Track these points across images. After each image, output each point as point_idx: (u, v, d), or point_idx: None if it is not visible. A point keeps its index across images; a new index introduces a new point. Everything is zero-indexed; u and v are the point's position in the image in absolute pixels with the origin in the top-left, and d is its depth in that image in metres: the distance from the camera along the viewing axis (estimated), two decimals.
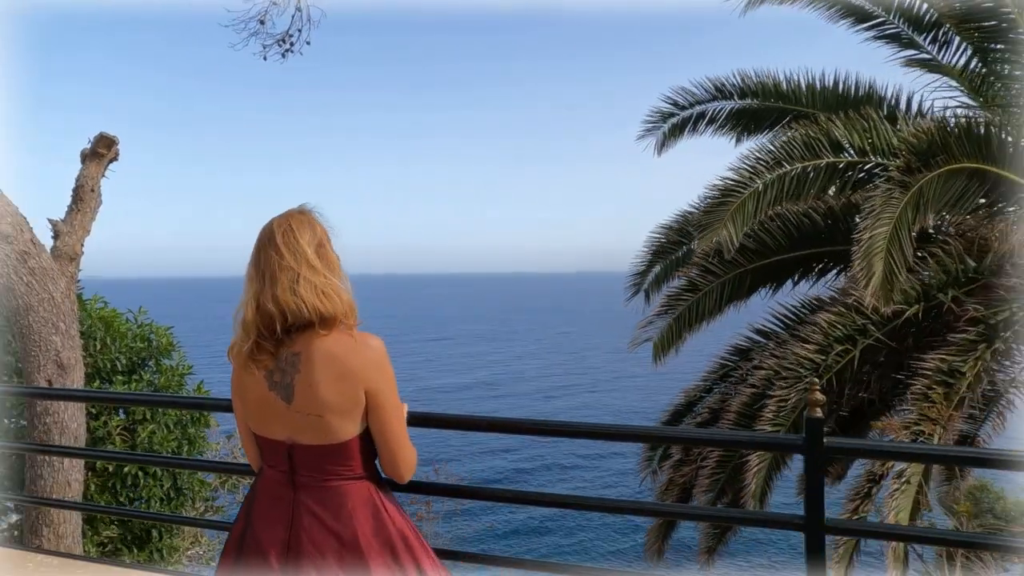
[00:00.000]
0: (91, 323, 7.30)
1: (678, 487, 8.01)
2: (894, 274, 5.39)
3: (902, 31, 7.30)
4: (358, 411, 2.14)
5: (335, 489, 2.18)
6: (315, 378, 2.09)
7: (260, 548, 2.20)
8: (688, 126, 8.64)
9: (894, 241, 5.40)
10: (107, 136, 6.73)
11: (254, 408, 2.21)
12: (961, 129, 5.79)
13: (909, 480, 5.16)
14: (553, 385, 49.08)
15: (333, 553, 2.14)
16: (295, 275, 2.11)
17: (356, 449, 2.19)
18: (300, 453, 2.17)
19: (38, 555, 4.11)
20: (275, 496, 2.23)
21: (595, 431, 3.31)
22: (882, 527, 3.10)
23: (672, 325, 8.12)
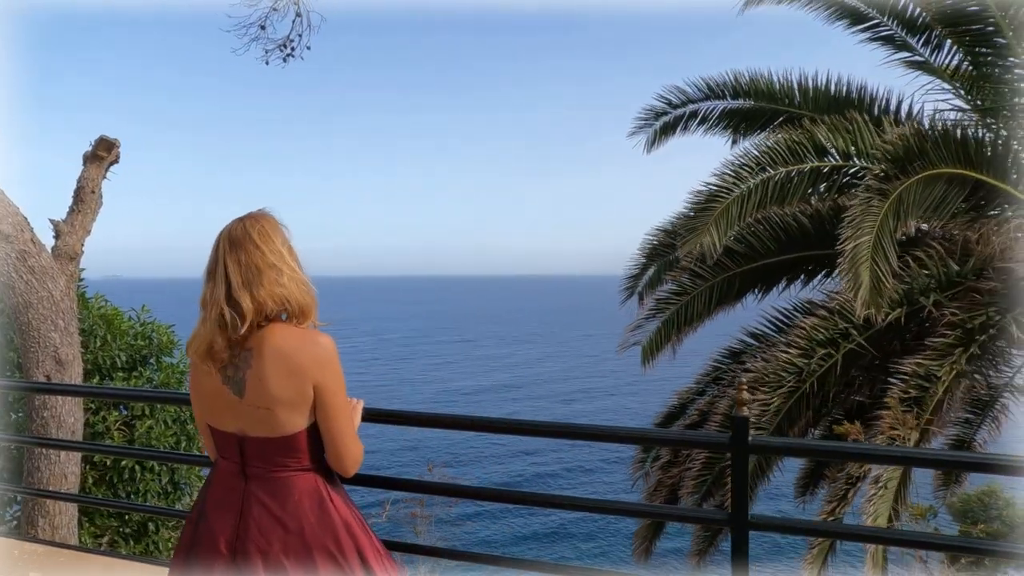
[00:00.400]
0: (92, 321, 7.52)
1: (666, 488, 8.06)
2: (882, 281, 5.40)
3: (896, 33, 7.28)
4: (305, 405, 2.24)
5: (283, 480, 2.30)
6: (265, 373, 2.20)
7: (212, 535, 2.31)
8: (680, 125, 8.68)
9: (878, 249, 5.41)
10: (107, 139, 6.94)
11: (208, 401, 2.33)
12: (938, 134, 5.79)
13: (886, 485, 5.18)
14: (573, 388, 49.04)
15: (279, 541, 2.25)
16: (279, 271, 2.25)
17: (304, 442, 2.29)
18: (250, 445, 2.28)
19: (28, 544, 4.23)
20: (227, 486, 2.35)
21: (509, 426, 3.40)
22: (807, 524, 3.15)
23: (661, 329, 8.17)
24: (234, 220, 2.36)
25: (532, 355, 67.41)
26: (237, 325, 2.18)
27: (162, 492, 7.30)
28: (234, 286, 2.20)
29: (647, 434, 3.25)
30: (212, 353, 2.23)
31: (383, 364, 61.96)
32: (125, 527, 7.09)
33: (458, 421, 3.45)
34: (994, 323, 5.47)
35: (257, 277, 2.22)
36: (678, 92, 8.56)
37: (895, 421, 5.19)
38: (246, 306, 2.19)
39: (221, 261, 2.25)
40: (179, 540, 2.49)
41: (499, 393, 47.71)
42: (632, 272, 9.60)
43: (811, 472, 8.56)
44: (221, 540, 2.29)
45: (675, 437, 3.25)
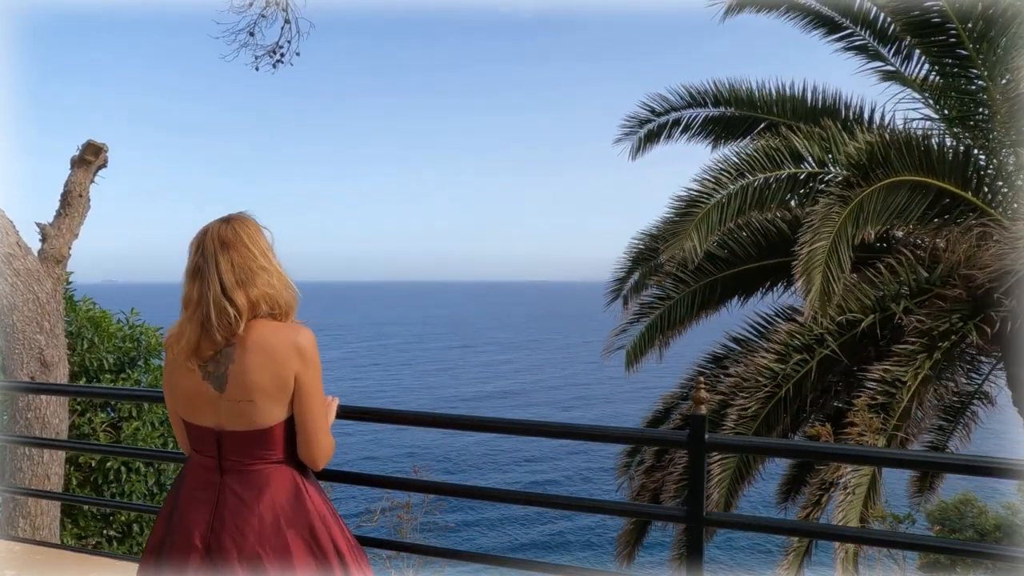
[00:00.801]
0: (80, 323, 7.59)
1: (649, 492, 8.13)
2: (832, 286, 5.49)
3: (868, 43, 7.41)
4: (285, 396, 2.31)
5: (258, 472, 2.35)
6: (248, 365, 2.26)
7: (186, 529, 2.35)
8: (664, 132, 8.79)
9: (832, 255, 5.51)
10: (95, 143, 7.01)
11: (185, 397, 2.38)
12: (901, 142, 5.88)
13: (854, 491, 5.25)
14: (571, 396, 48.97)
15: (254, 533, 2.30)
16: (269, 272, 2.34)
17: (280, 435, 2.35)
18: (228, 439, 2.34)
19: (4, 543, 4.27)
20: (202, 480, 2.39)
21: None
22: (761, 520, 3.21)
23: (645, 333, 8.24)
24: (217, 221, 2.42)
25: (531, 361, 67.35)
26: (231, 323, 2.25)
27: (148, 494, 7.35)
28: (227, 285, 2.26)
29: (608, 432, 3.30)
30: (198, 350, 2.29)
31: (382, 370, 62.03)
32: (109, 528, 7.13)
33: (423, 418, 3.51)
34: (957, 330, 5.55)
35: (251, 277, 2.30)
36: (661, 100, 8.67)
37: (863, 427, 5.26)
38: (241, 304, 2.26)
39: (211, 261, 2.30)
40: (151, 535, 2.52)
41: (498, 400, 47.68)
42: (618, 275, 9.68)
43: (792, 479, 8.63)
44: (196, 534, 2.33)
45: (635, 435, 3.32)
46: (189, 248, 2.41)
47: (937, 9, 6.30)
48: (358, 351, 74.39)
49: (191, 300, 2.31)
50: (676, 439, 3.42)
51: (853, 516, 5.50)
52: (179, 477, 2.53)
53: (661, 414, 9.18)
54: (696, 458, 3.03)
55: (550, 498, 3.43)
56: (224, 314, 2.24)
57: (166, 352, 2.43)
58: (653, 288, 8.27)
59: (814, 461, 5.49)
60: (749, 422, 6.65)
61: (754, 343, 7.93)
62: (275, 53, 8.94)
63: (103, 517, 7.15)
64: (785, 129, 7.00)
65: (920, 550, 2.41)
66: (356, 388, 47.33)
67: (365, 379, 55.27)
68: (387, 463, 28.78)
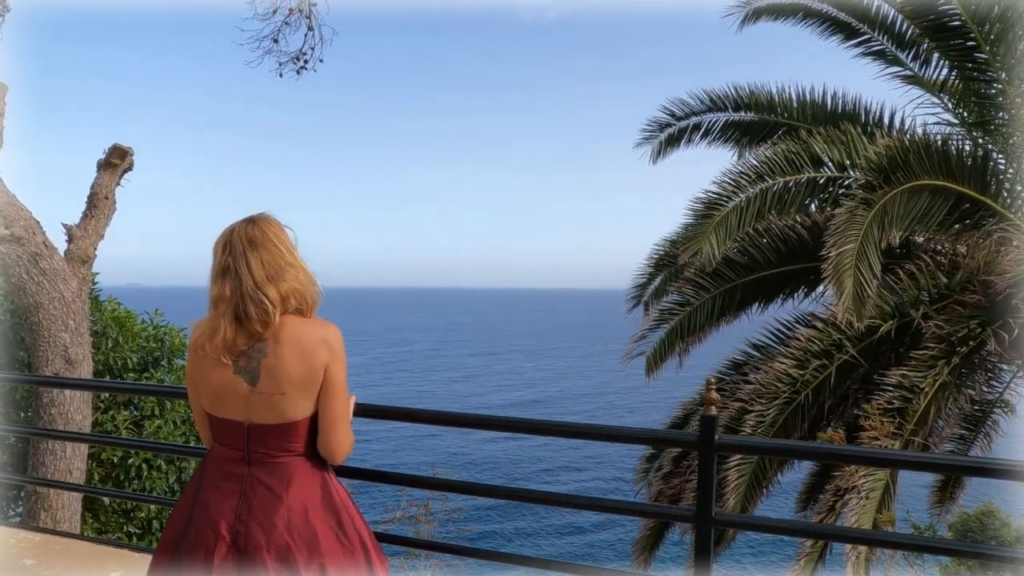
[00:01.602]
0: (105, 323, 7.71)
1: (667, 498, 8.09)
2: (864, 289, 5.44)
3: (887, 48, 7.36)
4: (315, 388, 2.36)
5: (285, 464, 2.40)
6: (282, 356, 2.32)
7: (211, 519, 2.37)
8: (684, 137, 8.78)
9: (862, 257, 5.46)
10: (121, 147, 7.15)
11: (214, 392, 2.41)
12: (920, 146, 5.82)
13: (868, 496, 5.20)
14: (595, 405, 48.73)
15: (282, 521, 2.34)
16: (296, 269, 2.41)
17: (305, 429, 2.41)
18: (255, 432, 2.38)
19: (24, 532, 4.35)
20: (226, 471, 2.43)
21: None
22: (769, 521, 3.19)
23: (665, 339, 8.21)
24: (242, 222, 2.48)
25: (555, 369, 67.10)
26: (264, 316, 2.31)
27: (168, 490, 7.44)
28: (259, 281, 2.32)
29: (619, 432, 3.30)
30: (233, 345, 2.33)
31: (406, 375, 62.14)
32: (130, 524, 7.23)
33: (439, 417, 3.54)
34: (975, 336, 5.47)
35: (280, 273, 2.36)
36: (681, 104, 8.66)
37: (877, 431, 5.21)
38: (273, 298, 2.32)
39: (241, 259, 2.36)
40: (167, 527, 2.53)
41: (523, 409, 47.50)
42: (639, 281, 9.66)
43: (811, 487, 8.55)
44: (222, 524, 2.36)
45: (646, 435, 3.32)
46: (215, 249, 2.45)
47: (954, 12, 6.24)
48: (381, 357, 74.68)
49: (222, 297, 2.35)
50: (686, 439, 3.42)
51: (866, 520, 5.45)
52: (199, 470, 2.55)
53: (680, 420, 9.14)
54: (706, 459, 3.03)
55: (560, 497, 3.44)
56: (260, 306, 2.30)
57: (192, 349, 2.46)
58: (673, 294, 8.24)
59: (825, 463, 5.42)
60: (767, 428, 6.60)
61: (774, 349, 7.88)
62: (299, 59, 9.07)
63: (123, 512, 7.25)
64: (805, 133, 6.95)
65: (936, 553, 2.39)
66: (379, 394, 47.52)
67: (387, 385, 55.43)
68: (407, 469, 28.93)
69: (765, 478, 6.91)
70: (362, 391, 3.02)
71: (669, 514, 3.79)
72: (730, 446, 3.06)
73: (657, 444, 5.48)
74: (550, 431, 3.37)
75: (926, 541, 2.59)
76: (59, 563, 3.86)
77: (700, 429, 3.01)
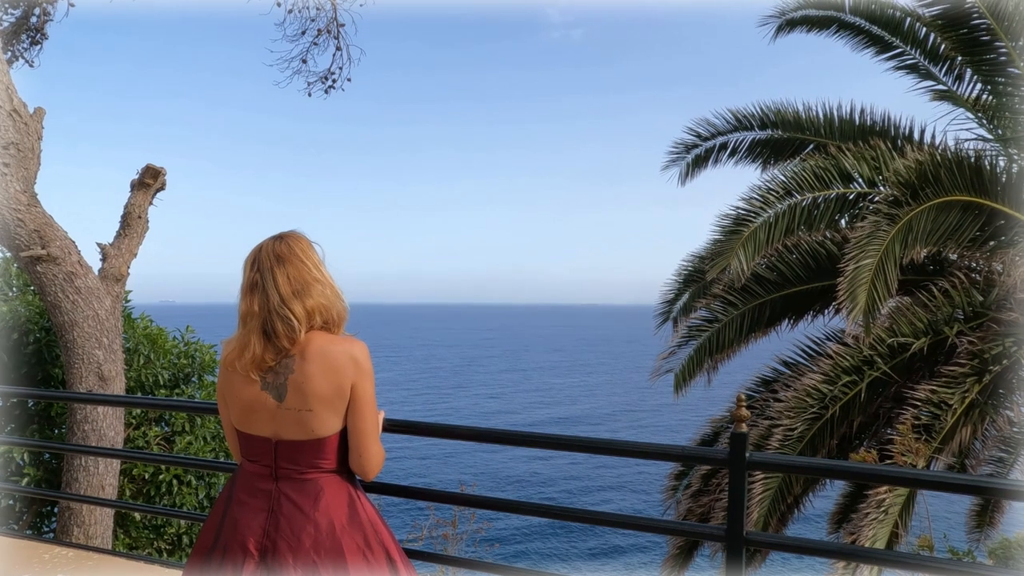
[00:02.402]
0: (137, 340, 7.81)
1: (696, 516, 8.01)
2: (878, 304, 5.37)
3: (919, 62, 7.30)
4: (342, 404, 2.37)
5: (313, 481, 2.41)
6: (309, 372, 2.33)
7: (239, 536, 2.40)
8: (711, 157, 8.76)
9: (879, 274, 5.39)
10: (153, 167, 7.28)
11: (242, 408, 2.43)
12: (951, 161, 5.74)
13: (887, 511, 5.12)
14: (625, 424, 48.27)
15: (310, 538, 2.35)
16: (323, 284, 2.43)
17: (334, 445, 2.41)
18: (283, 448, 2.40)
19: (57, 547, 4.41)
20: (255, 487, 2.44)
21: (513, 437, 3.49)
22: (801, 541, 3.15)
23: (693, 356, 8.16)
24: (270, 239, 2.51)
25: (584, 387, 66.52)
26: (291, 332, 2.32)
27: (198, 506, 7.49)
28: (285, 297, 2.35)
29: (648, 448, 3.27)
30: (261, 361, 2.35)
31: (434, 392, 62.06)
32: (160, 540, 7.28)
33: (473, 433, 3.53)
34: (1010, 354, 5.37)
35: (306, 289, 2.38)
36: (707, 125, 8.65)
37: (904, 448, 5.13)
38: (299, 314, 2.34)
39: (268, 275, 2.39)
40: (197, 542, 2.56)
41: (552, 428, 47.16)
42: (667, 297, 9.61)
43: (844, 508, 8.42)
44: (250, 540, 2.38)
45: (675, 452, 3.28)
46: (244, 266, 2.48)
47: (986, 26, 6.17)
48: (409, 372, 74.80)
49: (251, 313, 2.38)
50: (717, 456, 3.39)
51: (883, 536, 5.36)
52: (227, 486, 2.57)
53: (710, 438, 9.06)
54: (736, 476, 2.99)
55: (587, 514, 3.40)
56: (287, 323, 2.32)
57: (222, 365, 2.48)
58: (702, 310, 8.19)
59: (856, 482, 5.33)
60: (794, 443, 6.53)
61: (803, 366, 7.80)
62: (327, 79, 9.23)
63: (154, 528, 7.30)
64: (834, 149, 6.90)
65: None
66: (407, 411, 47.51)
67: (416, 402, 55.46)
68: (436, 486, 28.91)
69: (791, 493, 6.82)
70: (390, 407, 3.03)
71: (699, 532, 3.73)
72: (761, 464, 3.00)
73: (687, 461, 5.39)
74: (578, 447, 3.34)
75: (966, 568, 2.53)
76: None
77: (730, 446, 2.98)
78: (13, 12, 8.26)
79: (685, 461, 5.51)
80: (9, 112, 5.99)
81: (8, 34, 8.18)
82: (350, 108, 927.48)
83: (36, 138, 6.27)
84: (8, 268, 7.84)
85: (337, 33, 9.14)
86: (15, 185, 6.09)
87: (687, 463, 7.75)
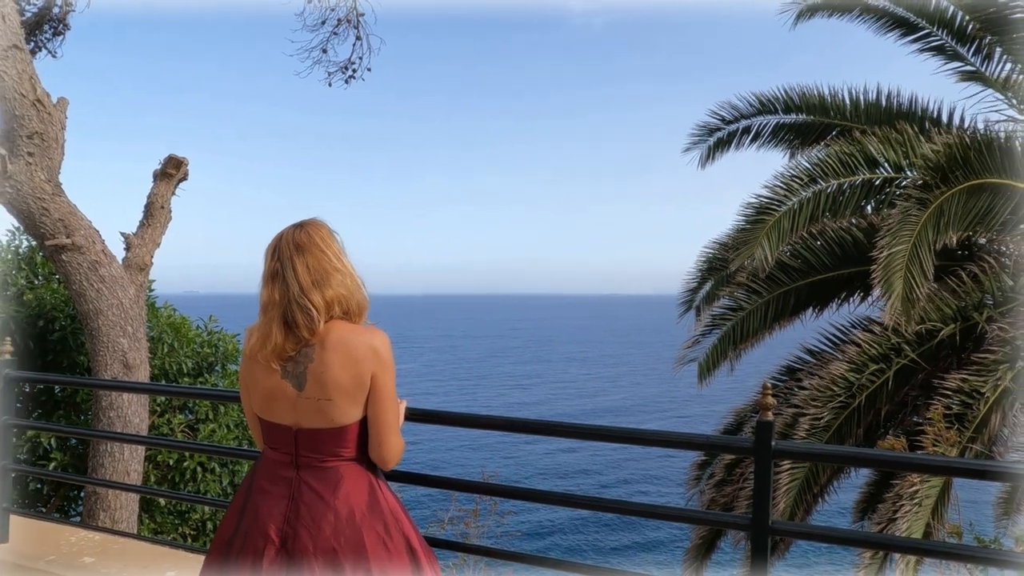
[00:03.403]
0: (161, 328, 7.88)
1: (719, 506, 7.95)
2: (915, 292, 5.26)
3: (946, 43, 7.15)
4: (362, 394, 2.36)
5: (334, 469, 2.41)
6: (328, 362, 2.32)
7: (260, 523, 2.40)
8: (733, 141, 8.65)
9: (914, 259, 5.29)
10: (176, 157, 7.31)
11: (264, 396, 2.43)
12: (981, 144, 5.61)
13: (921, 503, 5.04)
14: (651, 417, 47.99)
15: (330, 526, 2.35)
16: (343, 273, 2.41)
17: (355, 434, 2.41)
18: (304, 436, 2.40)
19: (83, 531, 4.45)
20: (276, 475, 2.45)
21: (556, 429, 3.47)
22: (828, 530, 3.10)
23: (717, 345, 8.08)
24: (291, 227, 2.50)
25: (609, 377, 66.01)
26: (310, 322, 2.32)
27: (222, 493, 7.56)
28: (304, 286, 2.34)
29: (672, 437, 3.23)
30: (282, 350, 2.34)
31: (458, 383, 62.02)
32: (185, 525, 7.36)
33: (499, 423, 3.51)
34: None
35: (326, 278, 2.36)
36: (730, 108, 8.54)
37: (936, 437, 5.04)
38: (318, 303, 2.33)
39: (288, 264, 2.38)
40: (220, 528, 2.56)
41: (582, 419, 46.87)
42: (690, 286, 9.53)
43: (869, 496, 8.32)
44: (271, 527, 2.38)
45: (700, 440, 3.25)
46: (265, 255, 2.48)
47: (1015, 4, 6.02)
48: (433, 363, 74.97)
49: (271, 303, 2.38)
50: (742, 445, 3.34)
51: (918, 528, 5.28)
52: (250, 473, 2.58)
53: (733, 427, 8.99)
54: (762, 465, 2.95)
55: (611, 503, 3.37)
56: (306, 313, 2.31)
57: (244, 354, 2.48)
58: (725, 299, 8.10)
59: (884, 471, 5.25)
60: (820, 432, 6.45)
61: (829, 354, 7.70)
62: (347, 69, 9.22)
63: (179, 514, 7.38)
64: (859, 134, 6.78)
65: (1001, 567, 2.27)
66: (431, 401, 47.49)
67: (440, 392, 55.43)
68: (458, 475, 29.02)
69: (818, 483, 6.75)
70: (413, 397, 3.01)
71: (724, 522, 3.69)
72: (787, 452, 2.95)
73: (712, 450, 5.37)
74: (603, 436, 3.30)
75: (993, 554, 2.47)
76: (116, 562, 3.93)
77: (756, 435, 2.93)
78: (36, 3, 8.32)
79: (710, 450, 5.49)
80: (33, 102, 6.02)
81: (31, 25, 8.24)
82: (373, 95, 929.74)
83: (60, 128, 6.31)
84: (34, 257, 7.92)
85: (357, 22, 9.13)
86: (39, 174, 6.14)
87: (710, 453, 7.68)
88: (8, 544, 4.11)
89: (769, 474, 2.97)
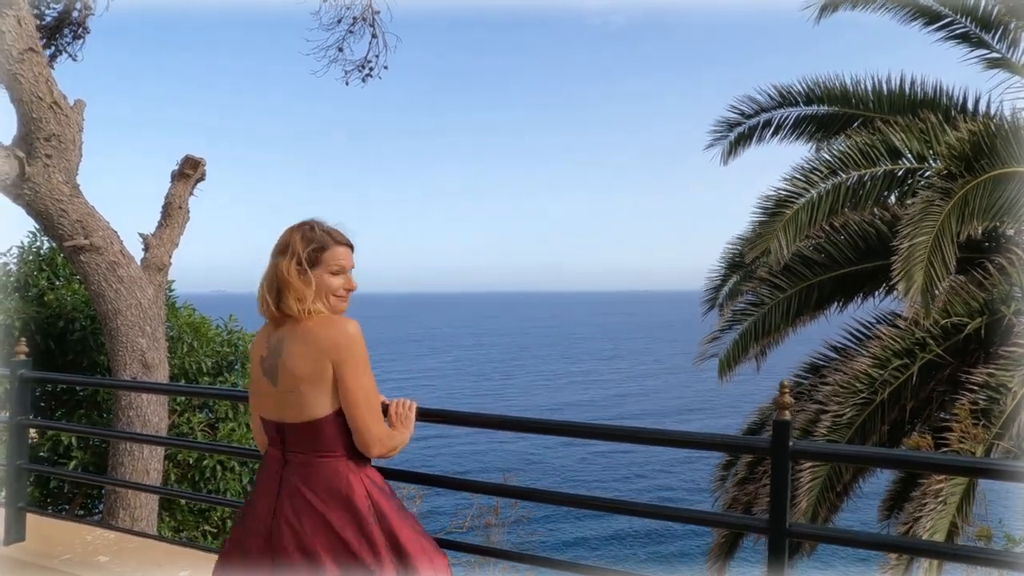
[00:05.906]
0: (180, 328, 7.91)
1: (741, 505, 7.85)
2: (935, 285, 5.13)
3: (971, 30, 6.98)
4: (326, 384, 2.37)
5: (316, 465, 2.43)
6: (293, 353, 2.38)
7: (256, 518, 2.48)
8: (755, 135, 8.50)
9: (935, 251, 5.15)
10: (193, 158, 7.33)
11: (254, 393, 2.55)
12: (1008, 131, 5.46)
13: (946, 501, 4.92)
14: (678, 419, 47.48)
15: (310, 523, 2.37)
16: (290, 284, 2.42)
17: (334, 429, 2.42)
18: (288, 431, 2.45)
19: (99, 529, 4.47)
20: (271, 472, 2.51)
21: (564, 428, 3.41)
22: (846, 533, 3.01)
23: (738, 340, 7.96)
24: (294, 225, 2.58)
25: (632, 375, 65.49)
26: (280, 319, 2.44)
27: (241, 491, 7.59)
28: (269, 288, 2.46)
29: (690, 437, 3.16)
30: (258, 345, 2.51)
31: (482, 380, 61.86)
32: (205, 524, 7.39)
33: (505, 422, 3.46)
34: None
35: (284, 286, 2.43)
36: (750, 102, 8.40)
37: (963, 434, 4.91)
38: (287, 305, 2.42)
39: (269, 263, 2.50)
40: (233, 527, 2.61)
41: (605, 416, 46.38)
42: (714, 283, 9.41)
43: (895, 495, 8.17)
44: (261, 522, 2.45)
45: (716, 440, 3.17)
46: None
47: None
48: (458, 361, 75.00)
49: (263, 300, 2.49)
50: (758, 445, 3.25)
51: (942, 528, 5.15)
52: (257, 471, 2.67)
53: (756, 426, 8.87)
54: (779, 466, 2.87)
55: (628, 505, 3.30)
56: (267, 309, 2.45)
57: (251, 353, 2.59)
58: (748, 294, 7.98)
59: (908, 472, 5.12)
60: (843, 430, 6.33)
61: (852, 350, 7.56)
62: (364, 67, 9.19)
63: (199, 512, 7.41)
64: (881, 124, 6.63)
65: None
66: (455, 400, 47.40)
67: (463, 391, 55.27)
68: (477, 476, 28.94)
69: (840, 481, 6.62)
70: (434, 396, 2.96)
71: (741, 524, 3.60)
72: (806, 452, 2.86)
73: (728, 450, 5.26)
74: (628, 437, 3.22)
75: (1014, 557, 2.38)
76: (131, 561, 3.94)
77: (773, 434, 2.86)
78: (55, 7, 8.38)
79: (727, 450, 5.37)
80: (49, 105, 6.06)
81: (51, 29, 8.31)
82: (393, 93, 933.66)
83: (77, 130, 6.35)
84: (55, 258, 7.99)
85: (372, 20, 9.10)
86: (57, 176, 6.18)
87: (733, 452, 7.56)
88: (25, 543, 4.13)
89: (787, 475, 2.89)
